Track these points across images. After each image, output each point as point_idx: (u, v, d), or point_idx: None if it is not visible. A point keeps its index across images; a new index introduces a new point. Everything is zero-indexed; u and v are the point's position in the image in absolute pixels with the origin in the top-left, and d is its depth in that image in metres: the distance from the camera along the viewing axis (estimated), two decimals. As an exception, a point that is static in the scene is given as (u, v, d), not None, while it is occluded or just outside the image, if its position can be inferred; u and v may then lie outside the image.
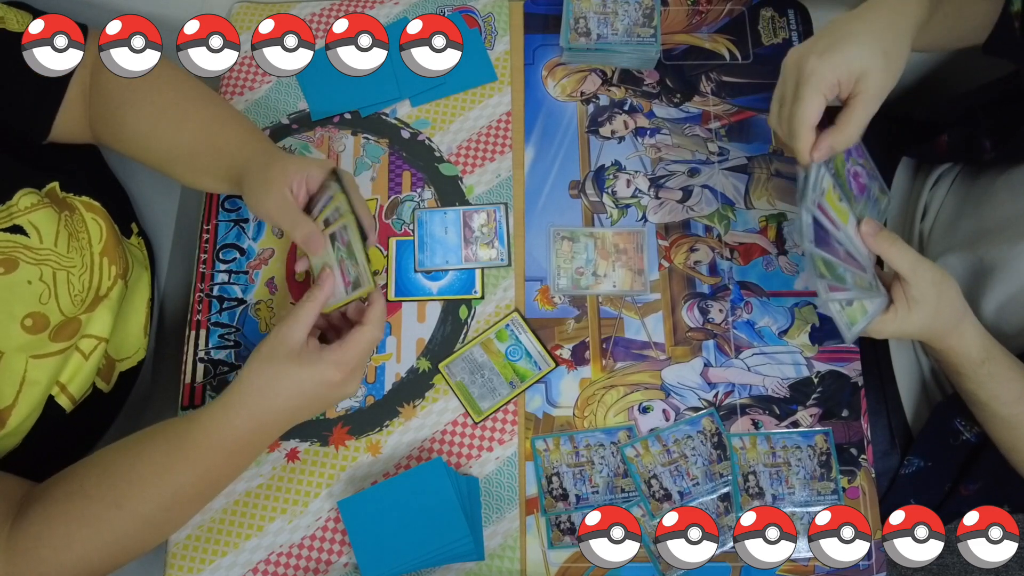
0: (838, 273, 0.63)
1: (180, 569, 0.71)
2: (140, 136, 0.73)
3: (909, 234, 0.86)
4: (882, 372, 0.83)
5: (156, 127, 0.72)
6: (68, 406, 0.72)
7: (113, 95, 0.72)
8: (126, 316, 0.79)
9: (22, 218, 0.67)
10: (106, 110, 0.73)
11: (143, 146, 0.74)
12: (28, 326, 0.67)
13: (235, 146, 0.72)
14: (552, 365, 0.76)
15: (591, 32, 0.85)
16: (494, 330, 0.78)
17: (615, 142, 0.85)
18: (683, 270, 0.80)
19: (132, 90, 0.72)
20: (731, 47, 0.88)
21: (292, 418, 0.66)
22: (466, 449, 0.75)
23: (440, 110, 0.86)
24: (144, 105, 0.72)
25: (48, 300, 0.68)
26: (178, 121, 0.72)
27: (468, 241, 0.81)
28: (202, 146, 0.72)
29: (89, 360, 0.72)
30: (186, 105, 0.73)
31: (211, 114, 0.74)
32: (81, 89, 0.73)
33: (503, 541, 0.72)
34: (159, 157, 0.74)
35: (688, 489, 0.73)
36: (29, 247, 0.67)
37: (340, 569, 0.71)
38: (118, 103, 0.72)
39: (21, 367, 0.67)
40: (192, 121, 0.73)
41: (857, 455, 0.74)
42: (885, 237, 0.64)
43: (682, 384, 0.77)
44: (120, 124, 0.73)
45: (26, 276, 0.67)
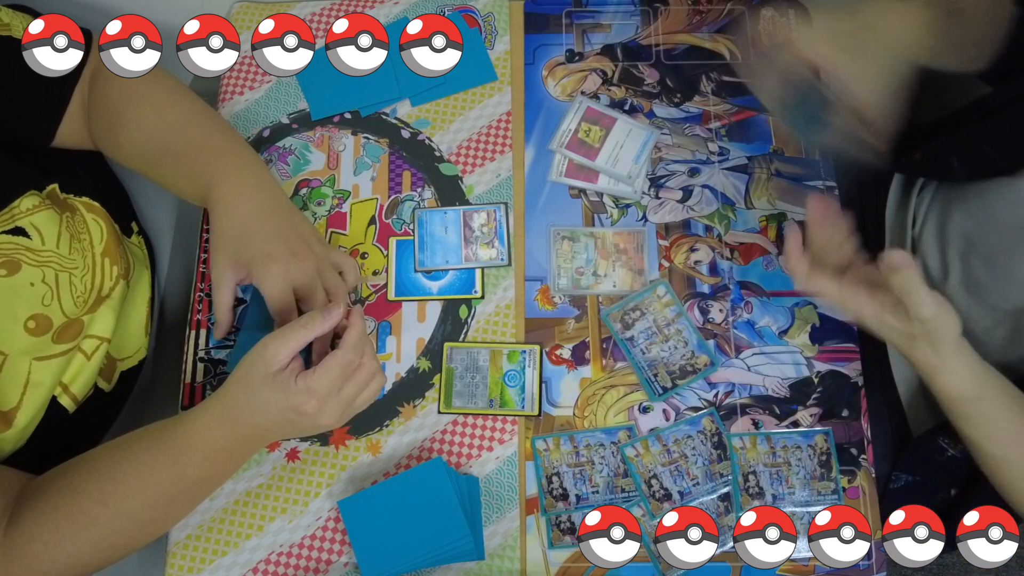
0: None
1: (180, 568, 0.71)
2: (135, 151, 0.74)
3: (902, 242, 0.86)
4: (882, 372, 0.83)
5: (147, 144, 0.73)
6: (71, 406, 0.72)
7: (107, 111, 0.73)
8: (127, 316, 0.79)
9: (24, 220, 0.67)
10: (100, 126, 0.74)
11: (137, 159, 0.74)
12: (31, 328, 0.67)
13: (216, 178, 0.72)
14: (536, 413, 0.76)
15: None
16: (510, 347, 0.77)
17: (615, 142, 0.85)
18: (683, 270, 0.80)
19: (125, 106, 0.73)
20: (731, 47, 0.88)
21: (263, 435, 0.65)
22: (466, 449, 0.75)
23: (440, 110, 0.86)
24: (137, 123, 0.73)
25: (51, 302, 0.68)
26: (170, 137, 0.73)
27: (468, 241, 0.81)
28: (184, 148, 0.73)
29: (91, 360, 0.73)
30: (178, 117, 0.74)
31: (204, 131, 0.74)
32: (81, 98, 0.73)
33: (503, 541, 0.72)
34: (149, 169, 0.75)
35: (688, 489, 0.73)
36: (31, 249, 0.67)
37: (340, 569, 0.71)
38: (113, 120, 0.73)
39: (25, 369, 0.66)
40: (183, 135, 0.73)
41: (857, 455, 0.74)
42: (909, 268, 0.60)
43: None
44: (115, 143, 0.74)
45: (28, 278, 0.67)
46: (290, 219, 0.72)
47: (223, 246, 0.70)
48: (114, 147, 0.75)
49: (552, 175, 0.83)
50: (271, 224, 0.70)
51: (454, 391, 0.76)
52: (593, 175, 0.83)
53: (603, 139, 0.83)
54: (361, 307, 0.79)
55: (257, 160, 0.75)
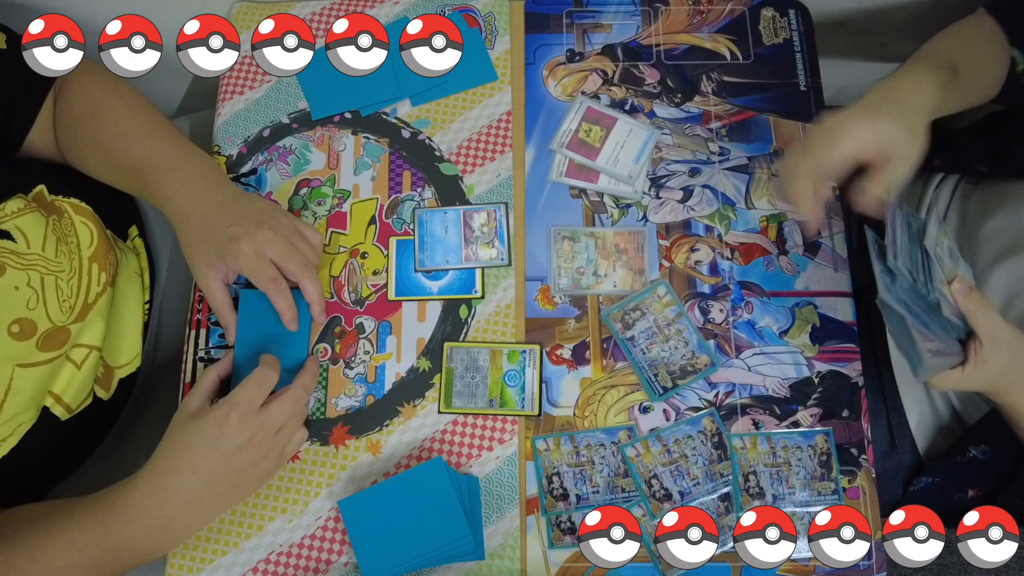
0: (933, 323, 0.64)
1: (180, 568, 0.71)
2: (99, 165, 0.75)
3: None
4: (882, 372, 0.83)
5: (108, 159, 0.74)
6: (64, 415, 0.72)
7: (71, 124, 0.74)
8: (122, 322, 0.78)
9: (9, 223, 0.67)
10: (65, 138, 0.75)
11: (102, 172, 0.76)
12: (15, 332, 0.66)
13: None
14: (536, 413, 0.76)
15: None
16: (510, 347, 0.77)
17: (615, 142, 0.85)
18: (684, 270, 0.80)
19: (88, 118, 0.74)
20: (732, 47, 0.88)
21: (192, 489, 0.63)
22: (466, 449, 0.75)
23: (440, 110, 0.86)
24: (98, 137, 0.74)
25: (36, 305, 0.68)
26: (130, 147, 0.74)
27: (468, 241, 0.81)
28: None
29: (82, 369, 0.72)
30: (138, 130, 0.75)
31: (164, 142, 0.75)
32: (51, 109, 0.75)
33: (503, 541, 0.72)
34: (115, 182, 0.76)
35: (688, 489, 0.73)
36: (16, 252, 0.67)
37: (340, 569, 0.71)
38: (76, 133, 0.74)
39: (7, 375, 0.66)
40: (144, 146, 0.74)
41: (857, 455, 0.74)
42: (977, 298, 0.64)
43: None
44: (80, 156, 0.75)
45: (13, 281, 0.66)
46: (246, 203, 0.73)
47: (192, 251, 0.71)
48: (80, 160, 0.76)
49: (552, 175, 0.83)
50: (228, 212, 0.71)
51: (454, 391, 0.76)
52: (594, 175, 0.83)
53: (604, 139, 0.83)
54: (382, 288, 0.80)
55: (209, 166, 0.76)
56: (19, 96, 0.72)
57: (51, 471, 0.77)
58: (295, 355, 0.75)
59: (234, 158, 0.84)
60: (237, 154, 0.84)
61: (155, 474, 0.63)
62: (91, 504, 0.63)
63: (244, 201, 0.73)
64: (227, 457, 0.64)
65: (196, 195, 0.72)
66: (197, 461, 0.63)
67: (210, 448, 0.63)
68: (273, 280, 0.70)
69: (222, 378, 0.72)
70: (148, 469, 0.64)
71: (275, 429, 0.66)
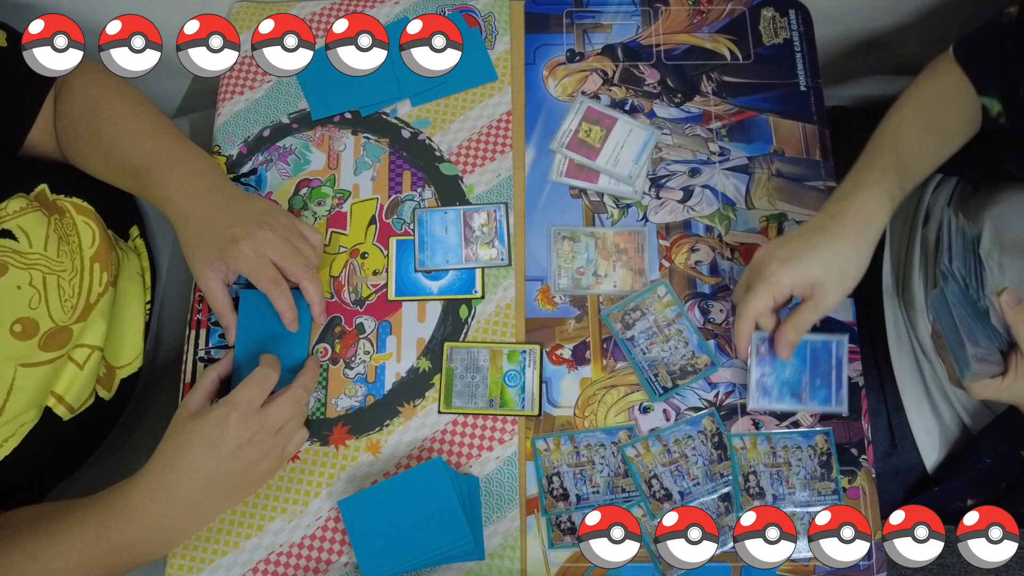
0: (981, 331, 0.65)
1: (180, 568, 0.71)
2: (100, 165, 0.75)
3: (911, 240, 0.86)
4: (882, 372, 0.83)
5: (108, 159, 0.74)
6: (66, 416, 0.72)
7: (72, 123, 0.74)
8: (123, 322, 0.78)
9: (11, 222, 0.67)
10: (66, 138, 0.75)
11: (103, 172, 0.76)
12: (17, 332, 0.66)
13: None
14: (536, 413, 0.76)
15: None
16: (510, 347, 0.77)
17: (615, 142, 0.85)
18: (684, 270, 0.80)
19: (88, 118, 0.74)
20: (732, 47, 0.88)
21: (192, 489, 0.64)
22: (466, 449, 0.75)
23: (440, 110, 0.86)
24: (99, 137, 0.74)
25: (38, 305, 0.68)
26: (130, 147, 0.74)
27: (468, 241, 0.81)
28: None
29: (84, 369, 0.72)
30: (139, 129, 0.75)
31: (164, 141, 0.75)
32: (52, 109, 0.75)
33: (503, 541, 0.72)
34: (117, 182, 0.76)
35: (688, 489, 0.73)
36: (18, 251, 0.67)
37: (340, 569, 0.71)
38: (77, 133, 0.74)
39: (9, 375, 0.66)
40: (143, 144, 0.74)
41: (857, 455, 0.74)
42: (1023, 310, 0.65)
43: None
44: (82, 156, 0.75)
45: (15, 281, 0.66)
46: (246, 203, 0.73)
47: (193, 252, 0.71)
48: (80, 160, 0.76)
49: (553, 175, 0.83)
50: (227, 212, 0.71)
51: (454, 391, 0.76)
52: (594, 175, 0.83)
53: (604, 139, 0.83)
54: (382, 288, 0.79)
55: (210, 166, 0.76)
56: (20, 95, 0.72)
57: (52, 471, 0.77)
58: (295, 355, 0.75)
59: (234, 158, 0.84)
60: (237, 154, 0.84)
61: (155, 474, 0.63)
62: (91, 505, 0.64)
63: (245, 201, 0.73)
64: (227, 457, 0.64)
65: (196, 195, 0.72)
66: (197, 461, 0.63)
67: (210, 448, 0.63)
68: (273, 281, 0.70)
69: (222, 378, 0.72)
70: (148, 469, 0.64)
71: (275, 429, 0.67)
